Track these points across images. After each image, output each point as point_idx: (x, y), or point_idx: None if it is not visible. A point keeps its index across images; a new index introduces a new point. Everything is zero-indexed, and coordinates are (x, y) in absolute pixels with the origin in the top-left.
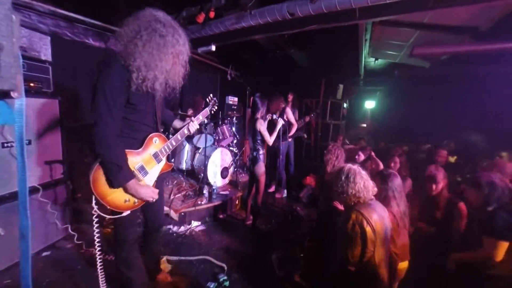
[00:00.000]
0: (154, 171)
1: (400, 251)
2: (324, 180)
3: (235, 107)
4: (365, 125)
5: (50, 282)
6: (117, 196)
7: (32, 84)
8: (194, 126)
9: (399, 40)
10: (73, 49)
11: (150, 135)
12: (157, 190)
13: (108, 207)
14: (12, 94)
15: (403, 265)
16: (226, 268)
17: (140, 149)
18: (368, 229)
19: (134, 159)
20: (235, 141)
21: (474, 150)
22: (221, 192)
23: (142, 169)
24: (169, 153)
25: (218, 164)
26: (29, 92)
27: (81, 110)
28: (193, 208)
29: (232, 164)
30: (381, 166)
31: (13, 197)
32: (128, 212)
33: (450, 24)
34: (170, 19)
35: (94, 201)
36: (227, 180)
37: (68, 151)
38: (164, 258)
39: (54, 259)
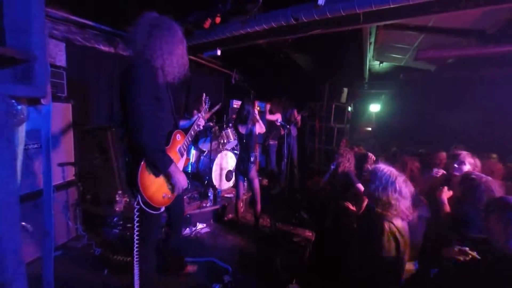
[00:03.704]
0: (180, 164)
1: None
2: (334, 182)
3: None
4: (369, 128)
5: (61, 281)
6: (158, 191)
7: None
8: (201, 121)
9: (403, 43)
10: (85, 54)
11: (174, 132)
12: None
13: (151, 203)
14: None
15: (409, 266)
16: (230, 269)
17: (168, 146)
18: (400, 240)
19: None
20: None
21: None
22: (226, 195)
23: None
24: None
25: (222, 167)
26: None
27: (92, 113)
28: (198, 211)
29: None
30: None
31: (27, 198)
32: (163, 209)
33: (456, 27)
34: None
35: (139, 199)
36: (231, 183)
37: (80, 153)
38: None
39: (65, 259)
